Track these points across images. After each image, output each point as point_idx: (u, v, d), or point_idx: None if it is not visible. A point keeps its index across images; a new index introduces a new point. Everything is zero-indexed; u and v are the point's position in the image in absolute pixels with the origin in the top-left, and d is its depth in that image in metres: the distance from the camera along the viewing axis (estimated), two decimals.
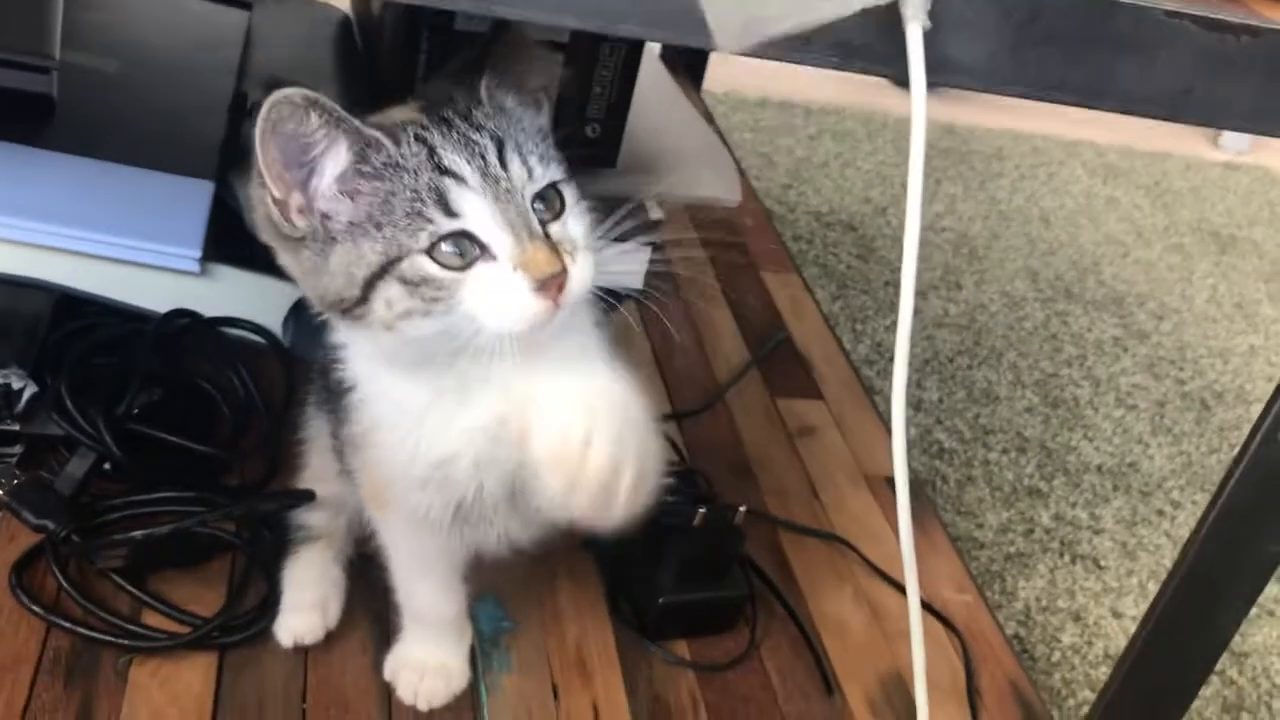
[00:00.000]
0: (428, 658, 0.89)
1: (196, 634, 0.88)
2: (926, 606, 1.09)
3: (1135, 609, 1.51)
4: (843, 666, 1.01)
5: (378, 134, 0.66)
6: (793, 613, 1.04)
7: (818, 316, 1.53)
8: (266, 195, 0.66)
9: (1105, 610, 1.50)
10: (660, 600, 0.97)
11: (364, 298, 0.66)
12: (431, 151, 0.66)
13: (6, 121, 1.09)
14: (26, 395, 0.96)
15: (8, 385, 0.95)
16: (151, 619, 0.90)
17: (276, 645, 0.90)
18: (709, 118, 1.85)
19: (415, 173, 0.65)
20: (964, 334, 2.00)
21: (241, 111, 1.28)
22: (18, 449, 0.98)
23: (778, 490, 1.19)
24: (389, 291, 0.65)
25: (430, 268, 0.65)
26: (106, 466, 0.97)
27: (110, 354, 1.04)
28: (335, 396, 0.81)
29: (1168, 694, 0.87)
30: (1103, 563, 1.58)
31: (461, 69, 0.74)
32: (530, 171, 0.68)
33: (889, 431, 1.36)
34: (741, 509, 0.97)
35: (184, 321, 1.07)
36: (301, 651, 0.91)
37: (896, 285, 2.07)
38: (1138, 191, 2.68)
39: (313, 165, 0.65)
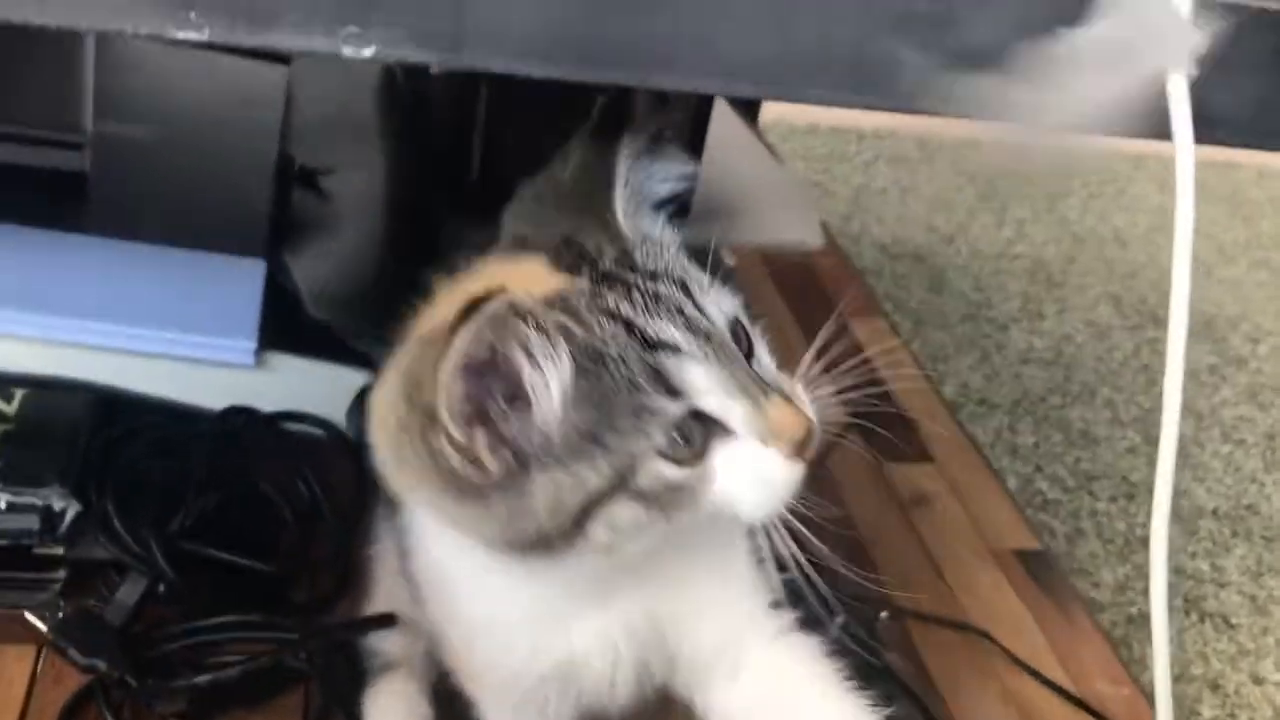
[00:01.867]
0: None
1: None
2: (1084, 706, 0.96)
3: (1277, 674, 1.38)
4: None
5: (578, 327, 0.51)
6: None
7: (913, 366, 1.41)
8: (441, 443, 0.50)
9: (1244, 676, 1.37)
10: None
11: (580, 526, 0.52)
12: (629, 325, 0.52)
13: (37, 204, 0.99)
14: (70, 516, 0.86)
15: (48, 507, 0.84)
16: None
17: None
18: (776, 156, 1.74)
19: (622, 359, 0.51)
20: (1052, 369, 1.88)
21: (288, 177, 1.18)
22: (61, 574, 0.87)
23: (898, 572, 1.07)
24: (619, 513, 0.52)
25: (671, 471, 0.51)
26: (160, 588, 0.86)
27: (160, 459, 0.93)
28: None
29: None
30: (1233, 620, 1.45)
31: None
32: (721, 308, 0.55)
33: (1010, 496, 1.25)
34: (884, 615, 0.85)
35: (240, 420, 0.97)
36: None
37: (974, 319, 1.97)
38: (1213, 205, 2.55)
39: (521, 393, 0.51)
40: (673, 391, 0.51)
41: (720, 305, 0.55)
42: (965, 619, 1.03)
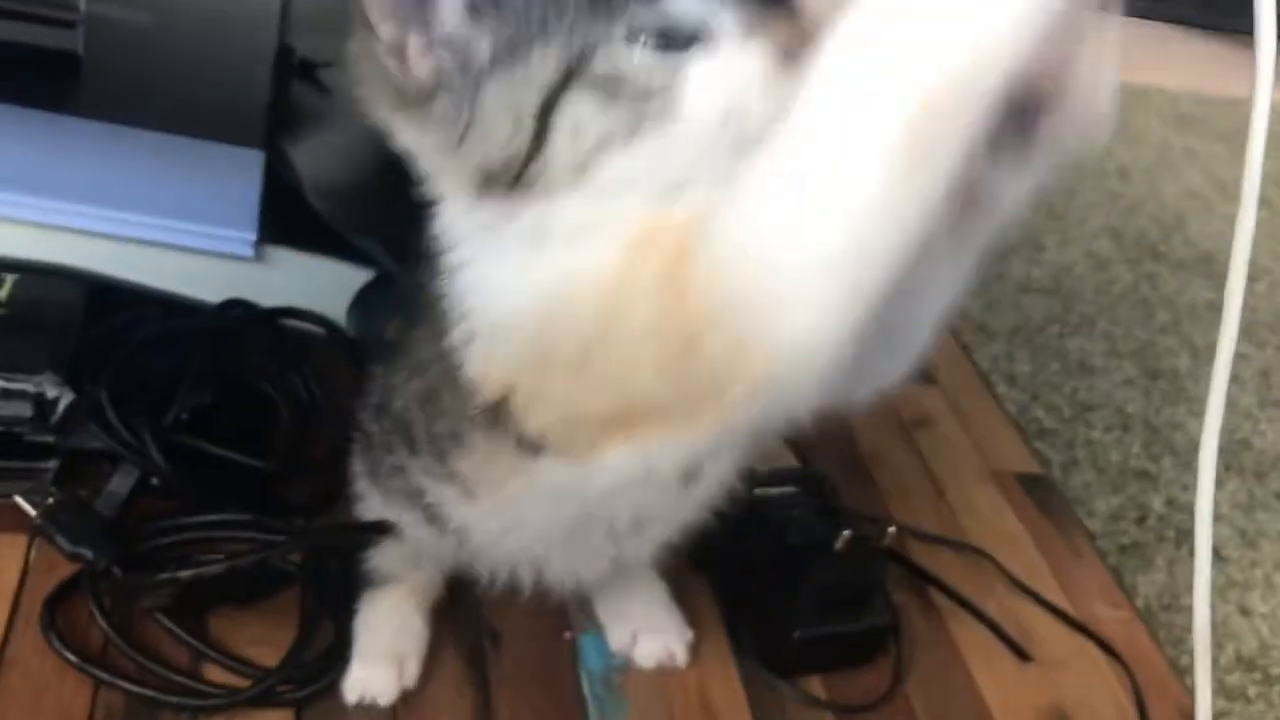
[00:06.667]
0: None
1: (258, 689, 0.76)
2: (1083, 629, 0.97)
3: (1264, 605, 1.39)
4: (997, 701, 0.89)
5: None
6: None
7: None
8: (374, 44, 0.52)
9: (1232, 608, 1.38)
10: (795, 634, 0.84)
11: (540, 138, 0.51)
12: None
13: (30, 85, 0.97)
14: (63, 404, 0.84)
15: (41, 394, 0.83)
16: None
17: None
18: None
19: None
20: (1051, 300, 1.87)
21: (288, 67, 1.16)
22: (53, 464, 0.85)
23: (899, 491, 1.07)
24: (578, 111, 0.51)
25: (633, 55, 0.50)
26: (154, 481, 0.85)
27: (155, 351, 0.92)
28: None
29: None
30: (1223, 553, 1.46)
31: None
32: None
33: (1012, 420, 1.24)
34: (891, 530, 0.85)
35: (238, 314, 0.95)
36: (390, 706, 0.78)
37: None
38: (1215, 141, 2.55)
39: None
40: None
41: None
42: (965, 539, 1.03)
